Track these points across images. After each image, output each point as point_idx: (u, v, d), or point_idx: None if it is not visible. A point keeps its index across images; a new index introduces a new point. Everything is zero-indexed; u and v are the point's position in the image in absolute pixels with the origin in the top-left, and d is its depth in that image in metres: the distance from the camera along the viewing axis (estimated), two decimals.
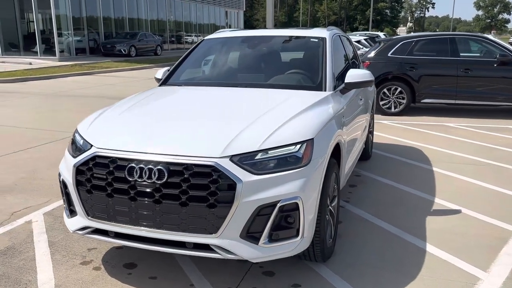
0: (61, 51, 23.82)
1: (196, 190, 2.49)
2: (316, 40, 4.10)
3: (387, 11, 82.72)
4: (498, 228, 3.77)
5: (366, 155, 5.67)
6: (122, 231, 2.69)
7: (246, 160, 2.56)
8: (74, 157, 2.87)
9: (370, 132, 5.94)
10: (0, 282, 2.94)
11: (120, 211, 2.65)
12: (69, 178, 2.84)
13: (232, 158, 2.54)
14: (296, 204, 2.58)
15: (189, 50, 4.49)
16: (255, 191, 2.50)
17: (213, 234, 2.52)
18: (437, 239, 3.56)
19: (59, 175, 3.03)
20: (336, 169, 3.23)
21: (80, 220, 2.84)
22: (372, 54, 9.53)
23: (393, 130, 7.77)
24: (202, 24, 38.00)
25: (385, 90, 9.29)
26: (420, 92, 9.07)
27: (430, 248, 3.42)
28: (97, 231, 2.81)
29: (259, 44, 4.30)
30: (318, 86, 3.64)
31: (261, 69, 4.09)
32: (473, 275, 3.03)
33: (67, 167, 2.91)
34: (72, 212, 2.93)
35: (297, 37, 4.28)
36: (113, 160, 2.67)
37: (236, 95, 3.53)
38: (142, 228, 2.63)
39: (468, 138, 7.11)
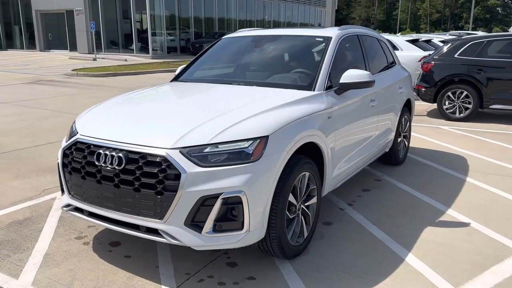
0: (155, 50, 25.69)
1: (148, 177, 2.70)
2: (321, 39, 4.07)
3: (499, 9, 75.74)
4: (500, 246, 3.46)
5: (395, 160, 5.44)
6: (93, 210, 2.99)
7: (194, 152, 2.70)
8: (66, 142, 3.24)
9: (405, 136, 5.68)
10: (5, 245, 3.43)
11: (90, 192, 2.96)
12: (59, 160, 3.22)
13: (181, 150, 2.70)
14: (240, 198, 2.66)
15: (206, 48, 4.72)
16: (198, 182, 2.64)
17: (160, 220, 2.71)
18: (424, 251, 3.37)
19: (58, 158, 3.43)
20: (312, 169, 3.22)
21: (66, 198, 3.21)
22: (437, 54, 8.97)
23: (448, 137, 7.28)
24: (291, 23, 38.26)
25: (449, 93, 8.71)
26: (489, 97, 8.34)
27: (410, 258, 3.26)
28: (77, 209, 3.14)
29: (266, 43, 4.38)
30: (309, 85, 3.63)
31: (261, 68, 4.17)
32: None
33: (60, 151, 3.29)
34: (62, 191, 3.31)
35: (304, 36, 4.27)
36: (88, 146, 2.98)
37: (222, 92, 3.68)
38: (106, 209, 2.90)
39: None
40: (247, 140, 2.77)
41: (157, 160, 2.69)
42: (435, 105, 9.28)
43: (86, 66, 18.87)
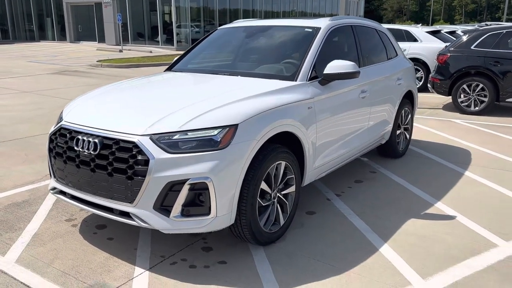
0: (179, 41, 25.98)
1: (120, 162, 2.82)
2: (310, 30, 4.08)
3: None
4: (481, 239, 3.42)
5: (393, 152, 5.39)
6: (74, 193, 3.14)
7: (163, 139, 2.80)
8: (54, 128, 3.40)
9: (406, 129, 5.62)
10: (0, 225, 3.64)
11: (71, 176, 3.11)
12: (46, 145, 3.39)
13: (152, 136, 2.80)
14: (206, 184, 2.74)
15: (201, 38, 4.81)
16: (166, 168, 2.73)
17: (131, 204, 2.82)
18: (400, 242, 3.37)
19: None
20: (288, 158, 3.26)
21: (52, 181, 3.38)
22: (453, 46, 8.75)
23: (458, 131, 7.13)
24: (318, 14, 37.81)
25: (464, 86, 8.51)
26: (506, 90, 8.11)
27: (384, 249, 3.27)
28: (62, 192, 3.31)
29: (257, 34, 4.42)
30: (291, 76, 3.66)
31: (250, 59, 4.23)
32: (407, 280, 2.87)
33: (48, 136, 3.46)
34: (51, 175, 3.48)
35: (294, 27, 4.28)
36: (70, 131, 3.13)
37: (204, 82, 3.76)
38: (84, 192, 3.05)
39: None
40: (216, 128, 2.84)
41: (129, 146, 2.81)
42: (451, 98, 9.07)
43: (111, 58, 19.32)
